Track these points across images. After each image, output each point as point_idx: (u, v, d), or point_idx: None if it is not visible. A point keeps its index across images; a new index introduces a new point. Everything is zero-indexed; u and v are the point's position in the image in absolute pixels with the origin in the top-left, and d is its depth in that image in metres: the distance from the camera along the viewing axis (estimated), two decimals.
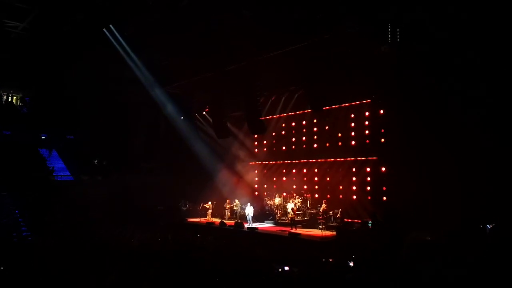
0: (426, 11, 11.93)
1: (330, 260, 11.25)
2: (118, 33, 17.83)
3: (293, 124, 21.20)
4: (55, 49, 18.38)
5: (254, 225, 17.96)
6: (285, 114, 21.05)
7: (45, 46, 18.24)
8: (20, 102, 23.06)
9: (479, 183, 12.55)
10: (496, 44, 11.86)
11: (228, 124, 20.95)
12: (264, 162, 22.74)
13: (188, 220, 20.85)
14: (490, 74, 12.23)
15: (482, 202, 12.46)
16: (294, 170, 20.93)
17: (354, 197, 17.85)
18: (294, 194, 19.26)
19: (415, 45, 13.04)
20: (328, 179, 19.21)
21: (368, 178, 17.39)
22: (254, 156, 23.17)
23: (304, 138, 20.65)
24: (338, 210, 16.79)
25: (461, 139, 12.94)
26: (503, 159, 12.26)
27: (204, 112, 23.53)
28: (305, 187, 19.98)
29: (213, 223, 19.32)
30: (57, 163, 22.51)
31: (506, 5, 11.29)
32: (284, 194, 19.99)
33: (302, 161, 20.59)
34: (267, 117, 21.13)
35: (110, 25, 17.44)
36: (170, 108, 22.57)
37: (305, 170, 20.41)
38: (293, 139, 21.25)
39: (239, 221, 18.50)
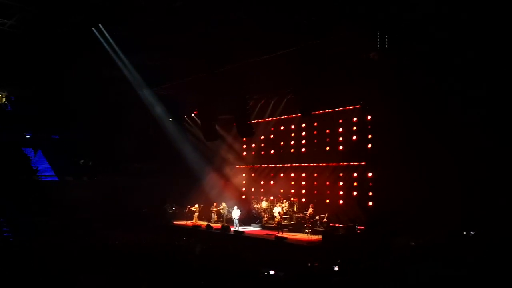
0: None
1: (316, 264, 11.28)
2: (108, 33, 17.68)
3: (282, 128, 21.22)
4: (42, 48, 18.14)
5: (241, 228, 17.91)
6: (274, 118, 21.07)
7: (32, 44, 17.98)
8: (5, 100, 22.66)
9: (467, 188, 12.62)
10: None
11: (217, 127, 20.91)
12: (252, 166, 22.72)
13: (174, 222, 20.70)
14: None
15: (469, 208, 12.57)
16: (281, 174, 20.95)
17: (341, 201, 17.92)
18: (281, 198, 19.27)
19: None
20: (315, 183, 19.25)
21: (355, 183, 17.49)
22: (242, 159, 23.14)
23: (292, 142, 20.68)
24: (325, 214, 16.84)
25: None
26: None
27: (192, 114, 23.45)
28: (292, 191, 20.00)
29: (199, 226, 19.22)
30: (42, 163, 22.18)
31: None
32: (272, 198, 19.98)
33: (290, 165, 20.62)
34: (256, 121, 21.13)
35: (100, 25, 17.29)
36: (158, 110, 22.43)
37: (292, 174, 20.44)
38: (282, 143, 21.26)
39: (226, 224, 18.43)
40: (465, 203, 12.63)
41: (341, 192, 18.02)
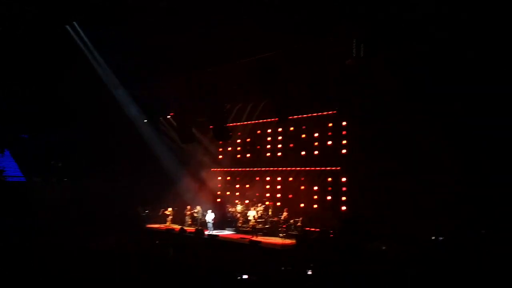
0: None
1: (290, 268, 11.32)
2: (82, 31, 17.28)
3: (258, 132, 21.23)
4: (14, 43, 17.51)
5: (215, 232, 17.79)
6: (250, 122, 21.06)
7: (5, 39, 17.34)
8: None
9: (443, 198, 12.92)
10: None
11: (193, 129, 20.72)
12: (227, 169, 22.61)
13: (147, 226, 20.37)
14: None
15: (440, 215, 12.86)
16: (257, 178, 20.93)
17: (315, 206, 18.07)
18: (256, 202, 19.25)
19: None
20: (290, 187, 19.34)
21: (329, 188, 17.66)
22: (218, 163, 22.99)
23: (268, 146, 20.72)
24: (299, 218, 16.93)
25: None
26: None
27: (168, 116, 23.15)
28: (268, 195, 20.02)
29: (172, 229, 18.98)
30: (9, 163, 21.43)
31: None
32: (247, 201, 19.93)
33: (265, 169, 20.64)
34: (233, 124, 21.05)
35: (74, 23, 16.88)
36: (133, 110, 22.01)
37: (268, 178, 20.47)
38: (258, 147, 21.27)
39: (200, 228, 18.26)
40: (438, 210, 12.91)
41: (315, 197, 18.16)
